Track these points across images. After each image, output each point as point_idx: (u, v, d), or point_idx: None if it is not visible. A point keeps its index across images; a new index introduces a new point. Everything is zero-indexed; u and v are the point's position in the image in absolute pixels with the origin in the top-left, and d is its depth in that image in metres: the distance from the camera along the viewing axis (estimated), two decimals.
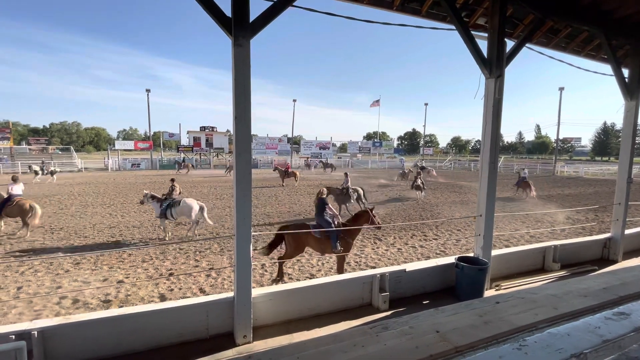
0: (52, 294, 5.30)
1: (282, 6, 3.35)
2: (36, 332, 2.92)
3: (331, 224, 5.72)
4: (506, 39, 4.64)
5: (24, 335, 2.86)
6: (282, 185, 21.74)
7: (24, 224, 8.93)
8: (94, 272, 6.27)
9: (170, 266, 6.68)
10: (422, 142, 68.81)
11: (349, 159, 48.26)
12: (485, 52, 4.58)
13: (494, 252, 5.16)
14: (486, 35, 4.70)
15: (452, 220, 11.13)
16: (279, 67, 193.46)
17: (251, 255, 3.47)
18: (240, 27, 3.14)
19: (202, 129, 42.82)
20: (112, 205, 13.57)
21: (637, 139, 6.21)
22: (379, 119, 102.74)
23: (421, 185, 16.06)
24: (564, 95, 36.41)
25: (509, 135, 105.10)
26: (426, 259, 6.60)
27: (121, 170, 35.45)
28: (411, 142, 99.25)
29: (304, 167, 37.27)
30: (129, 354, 3.26)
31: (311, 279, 5.80)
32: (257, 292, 3.77)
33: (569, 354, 1.14)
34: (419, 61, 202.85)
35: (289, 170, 23.42)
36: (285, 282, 5.57)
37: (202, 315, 3.53)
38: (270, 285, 5.43)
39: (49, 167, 23.26)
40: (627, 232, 6.48)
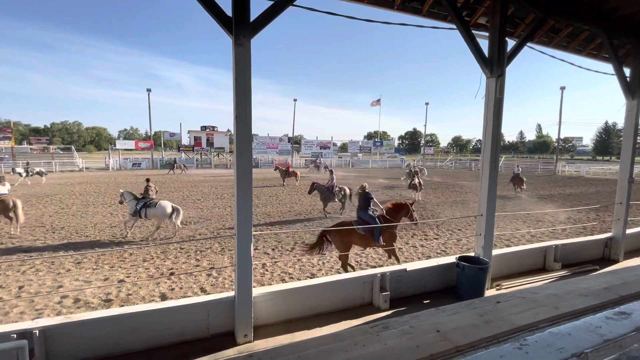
0: (54, 293, 5.32)
1: (282, 5, 3.35)
2: (38, 331, 2.93)
3: (374, 218, 5.79)
4: (507, 38, 4.63)
5: (26, 334, 2.86)
6: (283, 184, 21.76)
7: (11, 220, 9.22)
8: (95, 272, 6.28)
9: (171, 265, 6.70)
10: (423, 142, 68.72)
11: (349, 159, 48.24)
12: (486, 52, 4.57)
13: (495, 252, 5.16)
14: (487, 34, 4.69)
15: (452, 219, 11.12)
16: (280, 66, 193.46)
17: (252, 254, 3.48)
18: (240, 27, 3.14)
19: (203, 128, 42.85)
20: (113, 204, 13.59)
21: (638, 138, 6.19)
22: (379, 119, 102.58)
23: (418, 185, 15.89)
24: (565, 94, 36.39)
25: (510, 134, 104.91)
26: (427, 259, 6.60)
27: (122, 169, 35.51)
28: (412, 142, 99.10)
29: (312, 168, 34.20)
30: (130, 353, 3.27)
31: (312, 278, 5.81)
32: (257, 291, 3.78)
33: (569, 354, 1.14)
34: (420, 60, 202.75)
35: (290, 169, 23.43)
36: (286, 282, 5.58)
37: (203, 314, 3.54)
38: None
39: (34, 169, 22.96)
40: (628, 231, 6.47)
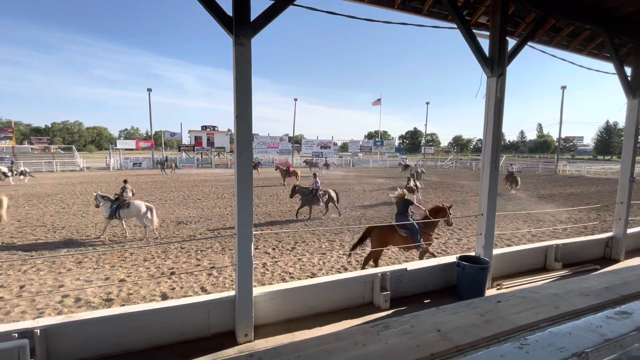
0: (55, 293, 5.33)
1: (283, 5, 3.34)
2: (39, 331, 2.94)
3: (414, 223, 6.08)
4: (508, 38, 4.62)
5: (27, 333, 2.87)
6: (284, 184, 21.76)
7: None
8: (96, 271, 6.29)
9: (171, 265, 6.70)
10: (423, 141, 68.65)
11: (350, 158, 48.23)
12: (486, 51, 4.56)
13: (496, 252, 5.15)
14: (488, 33, 4.68)
15: (453, 219, 11.09)
16: (280, 66, 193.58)
17: (252, 254, 3.48)
18: (241, 26, 3.14)
19: (204, 128, 42.87)
20: None
21: (639, 137, 6.18)
22: (380, 118, 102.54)
23: (414, 187, 15.26)
24: (566, 94, 36.37)
25: (510, 134, 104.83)
26: (427, 258, 6.59)
27: (123, 169, 35.55)
28: (412, 141, 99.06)
29: (322, 167, 33.20)
30: (131, 353, 3.28)
31: (312, 278, 5.82)
32: (258, 291, 3.78)
33: (570, 353, 1.14)
34: (420, 60, 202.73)
35: (291, 169, 23.44)
36: (287, 281, 5.59)
37: (204, 314, 3.54)
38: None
39: (18, 168, 22.90)
40: (629, 231, 6.46)
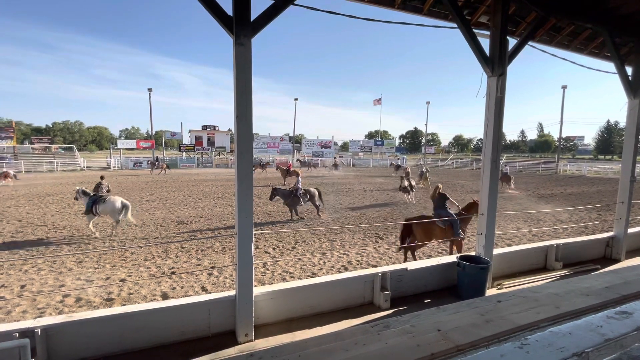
0: (56, 292, 5.34)
1: (283, 5, 3.34)
2: (39, 330, 2.94)
3: (453, 215, 6.39)
4: (508, 37, 4.62)
5: (28, 333, 2.87)
6: (284, 184, 21.77)
7: None
8: (97, 271, 6.30)
9: (172, 265, 6.71)
10: (424, 141, 68.61)
11: (350, 158, 48.21)
12: (487, 50, 4.56)
13: (496, 251, 5.15)
14: (488, 33, 4.67)
15: None
16: (281, 65, 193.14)
17: (253, 253, 3.48)
18: (241, 26, 3.14)
19: (204, 127, 42.88)
20: None
21: None
22: (380, 118, 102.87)
23: (408, 187, 14.60)
24: (567, 93, 36.24)
25: (511, 133, 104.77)
26: (428, 258, 6.60)
27: (124, 169, 35.59)
28: (413, 141, 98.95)
29: (331, 168, 32.91)
30: (132, 352, 3.28)
31: (313, 277, 5.82)
32: (258, 290, 3.78)
33: (570, 353, 1.14)
34: (421, 59, 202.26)
35: (291, 169, 23.45)
36: (287, 281, 5.59)
37: (204, 313, 3.55)
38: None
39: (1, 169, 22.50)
40: (630, 230, 6.45)
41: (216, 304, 3.59)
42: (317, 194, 11.69)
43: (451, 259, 4.99)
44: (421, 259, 6.53)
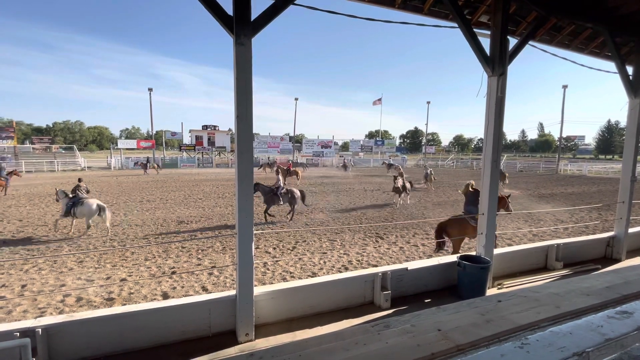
0: (56, 292, 5.34)
1: (283, 4, 3.34)
2: (40, 330, 2.95)
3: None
4: (509, 37, 4.61)
5: (28, 332, 2.88)
6: (284, 184, 21.75)
7: None
8: (97, 270, 6.31)
9: (172, 264, 6.71)
10: (424, 141, 68.56)
11: (350, 158, 48.19)
12: (487, 50, 4.56)
13: (496, 251, 5.15)
14: (489, 32, 4.67)
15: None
16: (281, 65, 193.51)
17: (253, 253, 3.48)
18: (241, 26, 3.14)
19: (204, 127, 42.91)
20: (115, 203, 13.62)
21: None
22: (380, 117, 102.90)
23: (401, 188, 13.50)
24: (568, 93, 36.24)
25: (511, 133, 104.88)
26: (428, 258, 6.59)
27: (124, 168, 35.62)
28: (413, 141, 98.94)
29: (340, 168, 32.81)
30: (132, 352, 3.29)
31: (313, 277, 5.82)
32: (259, 290, 3.78)
33: (571, 353, 1.14)
34: (421, 59, 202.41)
35: (291, 168, 23.43)
36: (287, 281, 5.59)
37: (205, 313, 3.55)
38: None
39: None
40: (630, 230, 6.44)
41: (217, 303, 3.60)
42: (300, 196, 11.37)
43: (451, 258, 4.99)
44: (421, 259, 6.53)
